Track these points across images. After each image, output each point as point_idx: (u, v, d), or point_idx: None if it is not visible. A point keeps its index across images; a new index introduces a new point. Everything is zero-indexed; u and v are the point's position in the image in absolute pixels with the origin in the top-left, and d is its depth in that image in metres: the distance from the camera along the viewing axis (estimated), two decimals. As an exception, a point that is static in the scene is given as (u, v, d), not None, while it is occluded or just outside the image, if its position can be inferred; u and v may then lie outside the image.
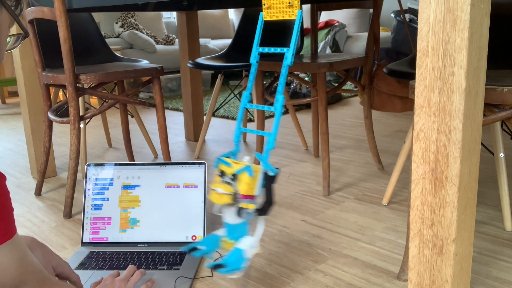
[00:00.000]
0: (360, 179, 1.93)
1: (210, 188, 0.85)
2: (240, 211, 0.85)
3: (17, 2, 0.75)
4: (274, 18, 0.93)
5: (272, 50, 0.92)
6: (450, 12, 0.75)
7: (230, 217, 0.87)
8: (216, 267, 0.85)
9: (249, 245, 0.85)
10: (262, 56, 2.51)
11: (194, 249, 0.91)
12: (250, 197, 0.83)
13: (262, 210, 0.84)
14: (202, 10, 2.68)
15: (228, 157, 0.89)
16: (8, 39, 0.78)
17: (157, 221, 1.37)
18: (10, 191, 1.94)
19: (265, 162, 0.83)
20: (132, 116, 2.44)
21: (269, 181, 0.82)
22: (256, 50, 0.93)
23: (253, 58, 0.91)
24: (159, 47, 4.91)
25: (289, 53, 0.86)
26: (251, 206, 0.84)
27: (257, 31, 0.93)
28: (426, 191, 0.84)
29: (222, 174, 0.86)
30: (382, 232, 1.45)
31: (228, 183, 0.84)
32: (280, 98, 0.84)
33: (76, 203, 1.77)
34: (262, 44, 2.58)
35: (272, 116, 3.22)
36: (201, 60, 2.40)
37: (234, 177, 0.83)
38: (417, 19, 1.38)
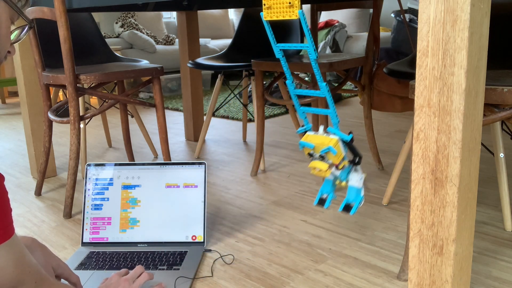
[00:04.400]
0: (360, 179, 1.93)
1: (310, 168, 1.00)
2: (341, 171, 1.02)
3: None
4: (275, 18, 0.93)
5: (293, 46, 0.95)
6: (450, 12, 0.75)
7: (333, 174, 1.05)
8: (346, 209, 1.00)
9: (357, 179, 1.00)
10: (262, 56, 2.51)
11: (322, 201, 1.04)
12: (342, 160, 0.99)
13: (356, 162, 1.01)
14: (202, 10, 2.68)
15: (304, 132, 1.02)
16: (15, 32, 0.78)
17: (157, 221, 1.37)
18: (10, 191, 1.94)
19: (338, 133, 0.97)
20: (132, 116, 2.44)
21: (348, 144, 0.97)
22: (277, 47, 0.97)
23: (278, 54, 0.98)
24: (159, 47, 4.91)
25: (310, 49, 0.91)
26: (346, 163, 0.99)
27: (268, 31, 0.97)
28: (426, 191, 0.84)
29: (311, 155, 1.00)
30: (382, 232, 1.45)
31: (321, 158, 0.99)
32: (323, 85, 0.96)
33: (76, 203, 1.77)
34: (263, 42, 2.58)
35: (271, 116, 3.24)
36: (201, 60, 2.40)
37: (322, 156, 0.99)
38: (417, 19, 1.38)
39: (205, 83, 4.58)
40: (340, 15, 5.53)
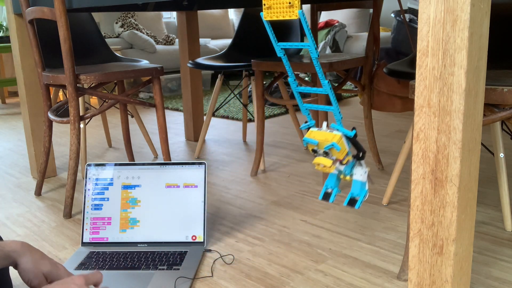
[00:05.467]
0: (360, 179, 1.93)
1: (314, 164, 1.00)
2: (345, 166, 1.03)
3: None
4: (275, 18, 0.93)
5: (294, 45, 0.96)
6: (450, 12, 0.75)
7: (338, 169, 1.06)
8: (351, 203, 1.00)
9: (361, 172, 1.01)
10: (262, 56, 2.51)
11: (327, 195, 1.05)
12: (346, 155, 1.00)
13: (360, 157, 1.01)
14: (202, 10, 2.68)
15: (307, 129, 1.04)
16: None
17: (157, 221, 1.37)
18: (10, 191, 1.94)
19: (341, 129, 0.99)
20: (132, 116, 2.44)
21: (352, 139, 0.98)
22: (277, 45, 0.98)
23: (279, 53, 0.99)
24: (159, 47, 4.91)
25: (312, 47, 0.93)
26: (350, 158, 1.01)
27: (268, 30, 0.98)
28: (426, 191, 0.84)
29: (315, 151, 1.01)
30: (382, 232, 1.45)
31: (325, 154, 1.00)
32: (325, 82, 0.98)
33: (76, 203, 1.77)
34: (263, 42, 2.59)
35: (271, 116, 3.24)
36: (201, 60, 2.40)
37: (326, 152, 1.00)
38: (417, 19, 1.38)
39: (205, 83, 4.58)
40: (340, 15, 5.53)
